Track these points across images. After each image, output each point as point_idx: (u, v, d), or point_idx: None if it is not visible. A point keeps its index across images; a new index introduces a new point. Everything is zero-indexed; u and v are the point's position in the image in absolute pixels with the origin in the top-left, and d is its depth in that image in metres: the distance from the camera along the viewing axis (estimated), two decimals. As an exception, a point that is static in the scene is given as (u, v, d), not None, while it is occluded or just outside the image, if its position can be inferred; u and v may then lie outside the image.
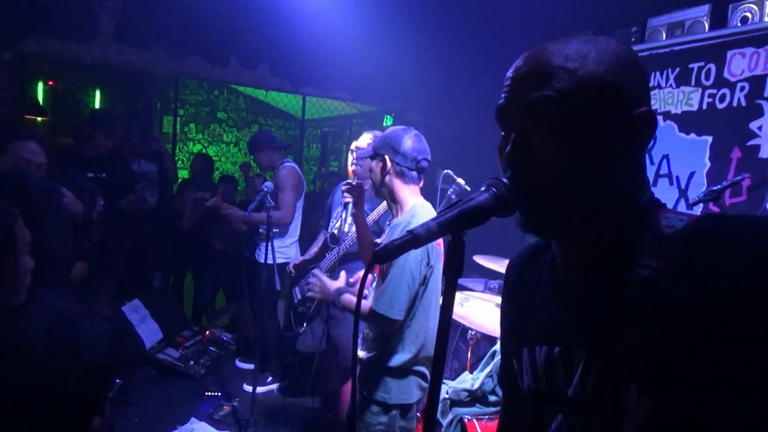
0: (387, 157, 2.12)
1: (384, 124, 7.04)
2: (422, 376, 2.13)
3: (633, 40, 3.58)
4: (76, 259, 3.06)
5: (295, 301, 3.53)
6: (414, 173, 2.14)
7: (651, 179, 3.35)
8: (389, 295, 2.00)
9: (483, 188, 0.73)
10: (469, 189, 2.92)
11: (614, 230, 0.75)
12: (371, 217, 3.07)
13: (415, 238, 0.68)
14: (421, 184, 2.24)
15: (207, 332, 4.56)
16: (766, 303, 0.57)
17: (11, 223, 1.35)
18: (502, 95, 0.79)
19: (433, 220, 0.69)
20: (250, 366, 4.05)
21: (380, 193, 2.23)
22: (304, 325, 3.51)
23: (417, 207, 2.12)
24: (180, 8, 4.48)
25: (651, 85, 3.33)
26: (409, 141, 2.12)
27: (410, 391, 2.10)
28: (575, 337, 0.76)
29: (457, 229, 0.70)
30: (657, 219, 0.73)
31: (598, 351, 0.72)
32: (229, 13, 4.64)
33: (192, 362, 4.12)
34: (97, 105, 7.07)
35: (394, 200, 2.18)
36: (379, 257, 0.69)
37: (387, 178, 2.14)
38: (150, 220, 4.42)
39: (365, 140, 3.15)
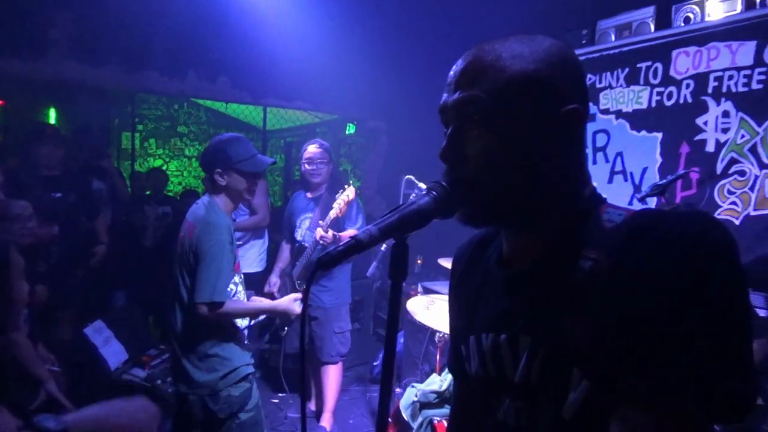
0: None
1: (347, 132, 7.07)
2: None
3: (584, 42, 3.69)
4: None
5: None
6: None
7: (607, 176, 3.46)
8: (213, 281, 2.17)
9: (424, 192, 0.76)
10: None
11: (559, 223, 0.79)
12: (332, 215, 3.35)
13: (358, 244, 0.69)
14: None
15: (174, 350, 4.47)
16: (686, 298, 0.62)
17: (5, 250, 1.38)
18: (443, 95, 0.82)
19: (374, 224, 0.71)
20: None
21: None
22: (285, 329, 3.81)
23: None
24: (135, 23, 4.41)
25: (603, 85, 3.46)
26: None
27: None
28: (522, 325, 0.79)
29: (399, 232, 0.72)
30: (599, 213, 0.77)
31: (542, 337, 0.75)
32: (186, 27, 4.59)
33: (159, 381, 4.03)
34: (52, 123, 6.89)
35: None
36: (323, 263, 0.70)
37: None
38: (106, 238, 4.31)
39: (316, 149, 3.65)
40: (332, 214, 3.31)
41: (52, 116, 6.92)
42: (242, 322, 2.47)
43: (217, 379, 2.24)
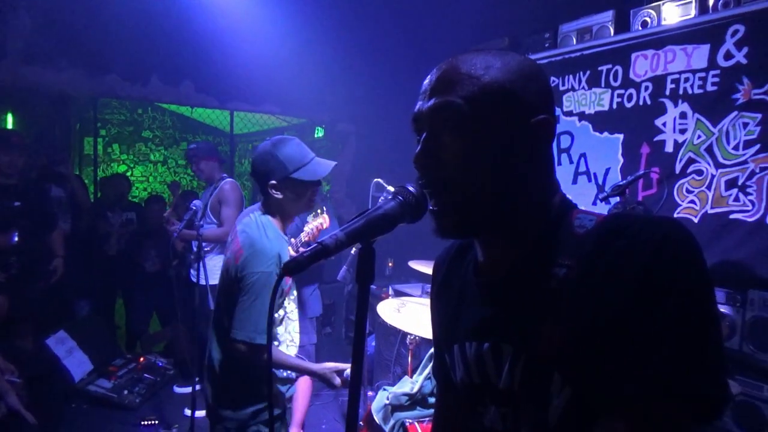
0: None
1: (315, 135, 7.05)
2: None
3: (547, 45, 3.76)
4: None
5: None
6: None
7: (571, 177, 3.52)
8: (254, 318, 1.89)
9: (389, 197, 0.76)
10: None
11: (532, 231, 0.80)
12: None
13: (325, 249, 0.69)
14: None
15: (141, 359, 4.39)
16: (656, 300, 0.64)
17: None
18: (417, 103, 0.83)
19: (341, 230, 0.71)
20: (189, 390, 3.94)
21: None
22: None
23: None
24: (95, 27, 4.31)
25: (566, 87, 3.53)
26: None
27: None
28: (502, 333, 0.80)
29: (366, 237, 0.72)
30: (570, 219, 0.79)
31: (524, 345, 0.77)
32: (148, 30, 4.51)
33: (126, 392, 3.96)
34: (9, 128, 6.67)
35: None
36: (289, 269, 0.69)
37: None
38: (67, 246, 4.19)
39: None
40: (303, 237, 3.13)
41: (9, 121, 6.71)
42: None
43: (247, 415, 1.99)
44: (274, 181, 1.97)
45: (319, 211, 3.21)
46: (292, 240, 3.29)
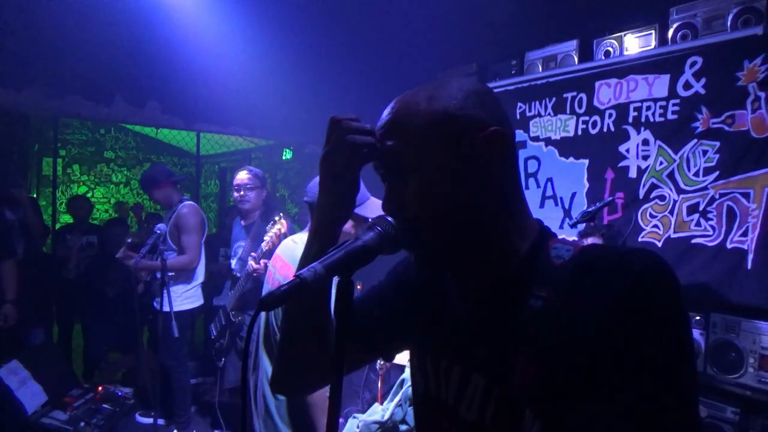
0: None
1: (283, 157, 7.00)
2: None
3: (513, 72, 3.84)
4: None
5: (212, 337, 3.59)
6: None
7: (539, 201, 3.58)
8: None
9: (368, 227, 0.74)
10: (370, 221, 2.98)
11: (506, 260, 0.78)
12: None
13: (302, 283, 0.67)
14: None
15: (99, 388, 4.21)
16: (629, 337, 0.63)
17: None
18: None
19: (319, 262, 0.68)
20: (151, 420, 3.79)
21: None
22: (223, 360, 3.64)
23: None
24: (57, 46, 4.21)
25: (532, 113, 3.60)
26: None
27: None
28: (475, 363, 0.79)
29: (345, 269, 0.70)
30: (547, 249, 0.77)
31: (496, 378, 0.75)
32: (112, 50, 4.42)
33: (83, 424, 3.77)
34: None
35: None
36: (266, 304, 0.66)
37: None
38: (21, 272, 3.98)
39: (244, 176, 3.60)
40: (264, 246, 3.17)
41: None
42: None
43: None
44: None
45: (276, 218, 3.18)
46: (252, 254, 3.22)
